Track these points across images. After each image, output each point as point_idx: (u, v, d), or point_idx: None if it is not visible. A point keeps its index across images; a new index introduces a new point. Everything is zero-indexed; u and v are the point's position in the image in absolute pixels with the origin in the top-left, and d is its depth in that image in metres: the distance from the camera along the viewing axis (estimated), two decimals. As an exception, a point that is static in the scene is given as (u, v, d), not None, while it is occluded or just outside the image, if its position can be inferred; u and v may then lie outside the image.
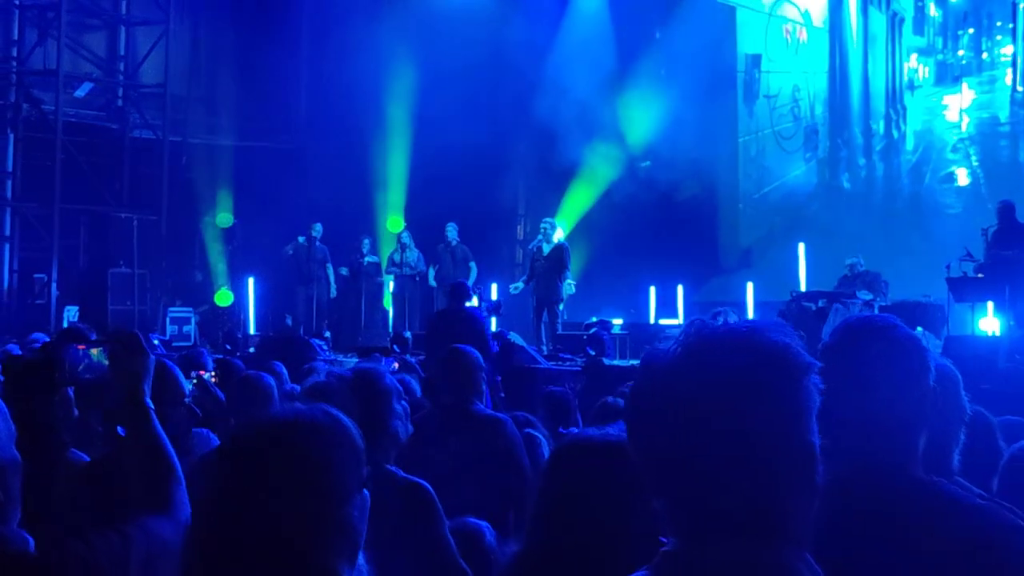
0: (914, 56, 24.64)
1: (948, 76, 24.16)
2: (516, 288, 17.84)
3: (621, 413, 1.89)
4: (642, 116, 21.44)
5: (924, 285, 16.79)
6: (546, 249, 17.23)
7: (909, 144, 24.30)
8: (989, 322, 15.25)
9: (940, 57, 24.33)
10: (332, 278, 20.36)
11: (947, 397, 3.07)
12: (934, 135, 23.98)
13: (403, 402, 4.16)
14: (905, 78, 24.82)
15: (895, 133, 24.70)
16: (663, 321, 19.76)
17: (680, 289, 20.09)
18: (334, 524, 2.00)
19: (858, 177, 24.81)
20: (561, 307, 17.21)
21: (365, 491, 2.09)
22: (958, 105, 23.79)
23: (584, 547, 2.56)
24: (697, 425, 1.65)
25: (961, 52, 23.99)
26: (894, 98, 24.77)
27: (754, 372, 1.67)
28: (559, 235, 17.87)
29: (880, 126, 24.82)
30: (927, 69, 24.57)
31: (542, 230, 17.55)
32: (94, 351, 3.13)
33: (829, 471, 2.61)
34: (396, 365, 9.82)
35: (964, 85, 23.66)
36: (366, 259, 20.52)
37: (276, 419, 2.10)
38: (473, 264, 19.75)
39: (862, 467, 2.52)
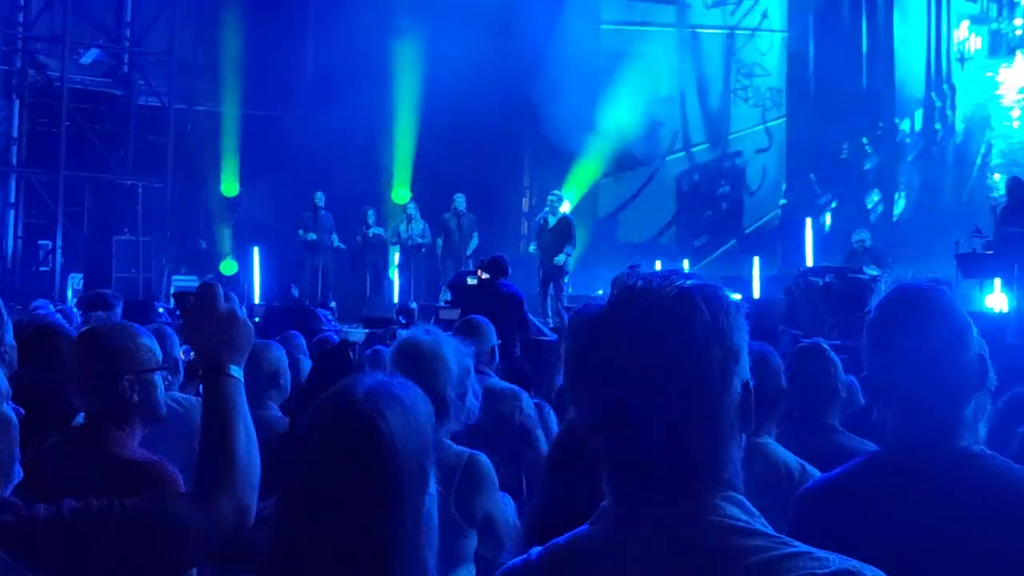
0: (965, 24, 21.30)
1: (1003, 47, 21.01)
2: (533, 249, 17.75)
3: None
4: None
5: (931, 261, 16.72)
6: (552, 221, 17.19)
7: (959, 128, 20.90)
8: (996, 299, 15.20)
9: (995, 26, 21.12)
10: (336, 240, 20.31)
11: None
12: (995, 133, 20.73)
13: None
14: (954, 50, 21.21)
15: (939, 127, 21.34)
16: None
17: (686, 264, 20.03)
18: (421, 500, 2.04)
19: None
20: (567, 280, 17.17)
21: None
22: (1015, 84, 20.78)
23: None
24: (628, 376, 1.64)
25: (1018, 21, 21.01)
26: (939, 77, 21.39)
27: (684, 317, 1.65)
28: (565, 207, 17.80)
29: (915, 122, 21.48)
30: (979, 40, 21.21)
31: (549, 202, 17.49)
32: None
33: (879, 445, 2.60)
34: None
35: (1020, 56, 20.89)
36: (371, 230, 20.47)
37: (368, 392, 2.10)
38: (476, 234, 19.73)
39: (907, 441, 2.52)
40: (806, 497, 2.68)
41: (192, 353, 7.21)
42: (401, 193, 21.73)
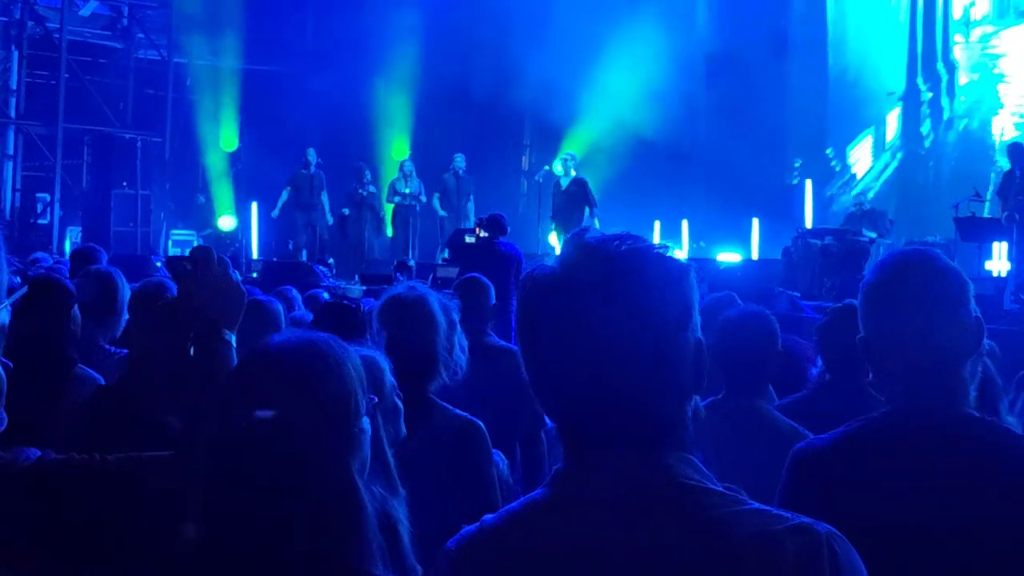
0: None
1: (1011, 10, 19.20)
2: (553, 227, 17.67)
3: None
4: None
5: (930, 224, 16.72)
6: (564, 183, 17.19)
7: (959, 124, 18.77)
8: (995, 263, 15.23)
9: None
10: (327, 205, 20.28)
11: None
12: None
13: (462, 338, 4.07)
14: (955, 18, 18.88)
15: (927, 130, 19.05)
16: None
17: (685, 224, 20.01)
18: (345, 438, 2.05)
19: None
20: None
21: (366, 418, 2.13)
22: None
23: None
24: (586, 337, 1.64)
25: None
26: (932, 55, 19.26)
27: (642, 274, 1.66)
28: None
29: (885, 132, 19.27)
30: (987, 3, 19.33)
31: (563, 162, 17.45)
32: None
33: (878, 411, 2.61)
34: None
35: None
36: (367, 188, 20.44)
37: (282, 344, 2.15)
38: (472, 197, 19.75)
39: (907, 404, 2.51)
40: (801, 457, 2.66)
41: None
42: (399, 150, 21.69)
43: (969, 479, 2.37)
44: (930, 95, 19.68)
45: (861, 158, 19.41)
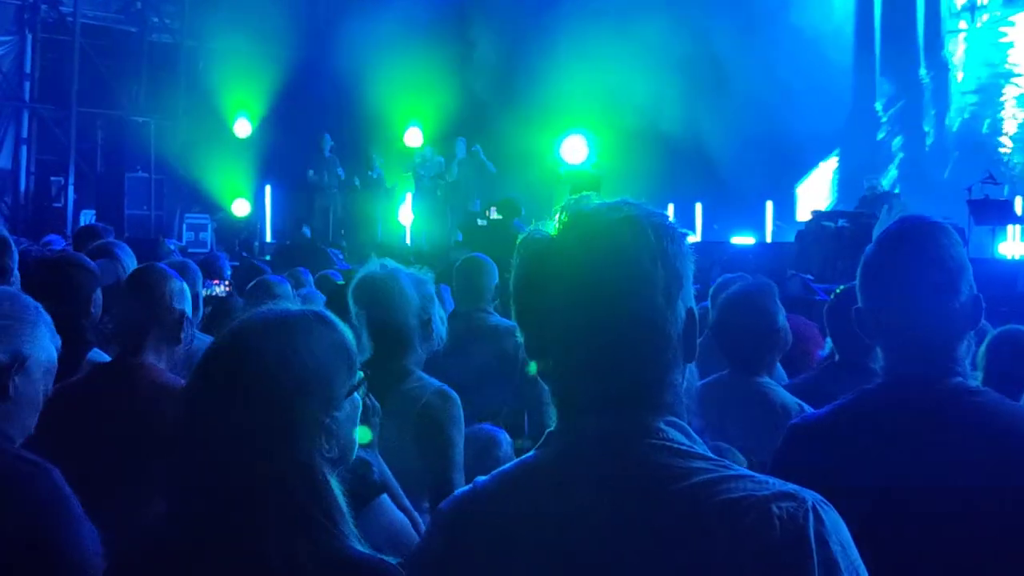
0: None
1: None
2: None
3: None
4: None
5: (944, 206, 16.64)
6: (584, 167, 17.19)
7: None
8: (1008, 245, 15.18)
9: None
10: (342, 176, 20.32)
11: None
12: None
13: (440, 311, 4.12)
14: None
15: (888, 182, 17.68)
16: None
17: (699, 207, 19.97)
18: (315, 426, 2.04)
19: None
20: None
21: (356, 396, 2.13)
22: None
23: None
24: (573, 298, 1.68)
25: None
26: (912, 62, 18.03)
27: (629, 240, 1.69)
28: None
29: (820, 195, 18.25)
30: None
31: (587, 148, 17.43)
32: None
33: (873, 383, 2.62)
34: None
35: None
36: (376, 172, 20.44)
37: (258, 319, 2.12)
38: (478, 179, 19.79)
39: (901, 376, 2.52)
40: (795, 431, 2.69)
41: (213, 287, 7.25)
42: (414, 136, 21.68)
43: (964, 448, 2.38)
44: (891, 130, 18.14)
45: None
